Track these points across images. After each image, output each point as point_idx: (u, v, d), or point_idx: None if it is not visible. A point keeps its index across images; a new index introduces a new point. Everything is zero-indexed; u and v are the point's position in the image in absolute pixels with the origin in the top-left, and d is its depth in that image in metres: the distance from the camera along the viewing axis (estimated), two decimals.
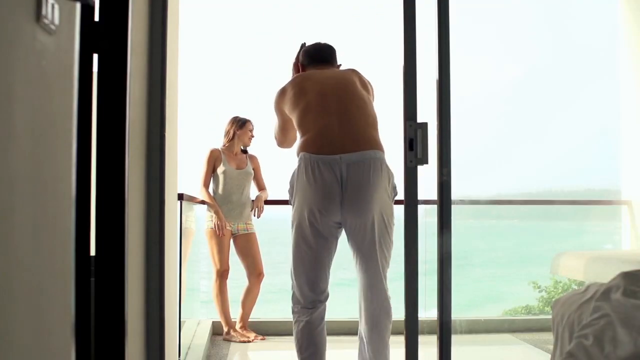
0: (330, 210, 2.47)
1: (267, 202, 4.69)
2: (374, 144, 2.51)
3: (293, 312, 2.62)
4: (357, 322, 2.69)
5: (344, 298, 3.71)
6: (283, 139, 2.83)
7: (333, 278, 2.68)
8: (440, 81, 2.12)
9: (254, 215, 4.29)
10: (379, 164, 2.48)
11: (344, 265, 3.17)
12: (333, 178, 2.45)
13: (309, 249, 2.53)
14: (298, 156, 2.57)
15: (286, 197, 2.70)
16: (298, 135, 2.63)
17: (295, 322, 2.60)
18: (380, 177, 2.48)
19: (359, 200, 2.46)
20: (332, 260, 2.61)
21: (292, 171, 2.59)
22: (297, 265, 2.55)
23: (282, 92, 2.70)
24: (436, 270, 2.13)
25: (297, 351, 2.61)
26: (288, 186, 2.62)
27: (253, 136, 4.35)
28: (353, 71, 2.72)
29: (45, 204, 1.05)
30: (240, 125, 4.30)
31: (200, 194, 4.17)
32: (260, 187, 4.42)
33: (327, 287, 2.61)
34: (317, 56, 2.80)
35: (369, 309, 2.54)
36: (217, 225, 4.12)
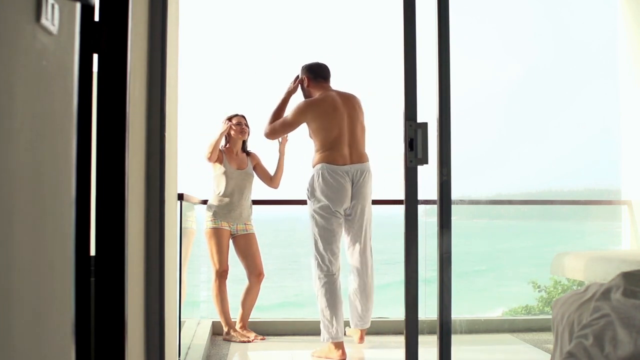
0: (345, 202, 3.60)
1: (268, 203, 4.69)
2: (366, 158, 3.70)
3: (319, 278, 3.57)
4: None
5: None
6: (278, 136, 3.94)
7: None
8: (440, 81, 2.12)
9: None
10: (370, 171, 3.70)
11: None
12: (348, 181, 3.59)
13: (332, 230, 3.57)
14: (318, 164, 3.57)
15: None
16: (317, 145, 3.61)
17: (322, 286, 3.55)
18: (371, 179, 3.71)
19: (360, 194, 3.65)
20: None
21: (312, 176, 3.59)
22: (324, 242, 3.57)
23: (306, 110, 3.65)
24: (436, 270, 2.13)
25: (327, 306, 3.52)
26: (307, 186, 3.61)
27: (244, 130, 4.27)
28: (355, 97, 3.76)
29: (45, 204, 1.05)
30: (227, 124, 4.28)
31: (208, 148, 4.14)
32: (268, 176, 4.38)
33: (339, 259, 3.67)
34: (322, 73, 3.77)
35: (362, 261, 3.74)
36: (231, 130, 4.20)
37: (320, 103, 3.65)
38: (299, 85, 3.81)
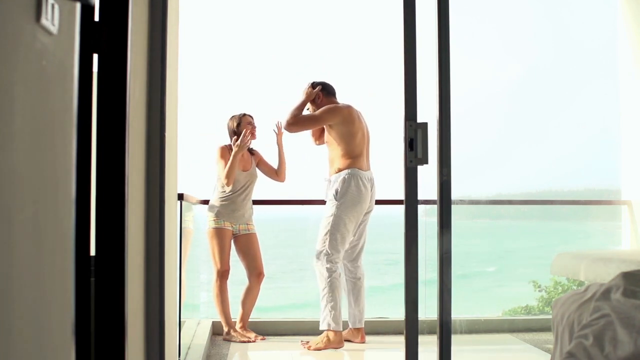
0: (366, 206, 3.92)
1: (269, 203, 4.69)
2: None
3: (327, 269, 3.83)
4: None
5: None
6: (301, 128, 4.00)
7: None
8: (440, 81, 2.12)
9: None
10: None
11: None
12: (369, 185, 3.92)
13: (350, 231, 3.89)
14: (348, 169, 3.84)
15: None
16: (343, 150, 3.87)
17: (329, 277, 3.82)
18: None
19: (374, 198, 3.99)
20: None
21: (343, 179, 3.84)
22: (341, 241, 3.85)
23: (336, 111, 3.91)
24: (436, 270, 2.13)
25: (334, 296, 3.81)
26: (337, 188, 3.83)
27: (255, 127, 4.26)
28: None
29: (45, 204, 1.05)
30: (237, 123, 4.26)
31: (224, 171, 4.10)
32: (273, 170, 4.37)
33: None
34: (332, 90, 4.08)
35: (357, 263, 4.04)
36: (244, 138, 4.08)
37: (349, 110, 3.93)
38: (313, 96, 4.00)
